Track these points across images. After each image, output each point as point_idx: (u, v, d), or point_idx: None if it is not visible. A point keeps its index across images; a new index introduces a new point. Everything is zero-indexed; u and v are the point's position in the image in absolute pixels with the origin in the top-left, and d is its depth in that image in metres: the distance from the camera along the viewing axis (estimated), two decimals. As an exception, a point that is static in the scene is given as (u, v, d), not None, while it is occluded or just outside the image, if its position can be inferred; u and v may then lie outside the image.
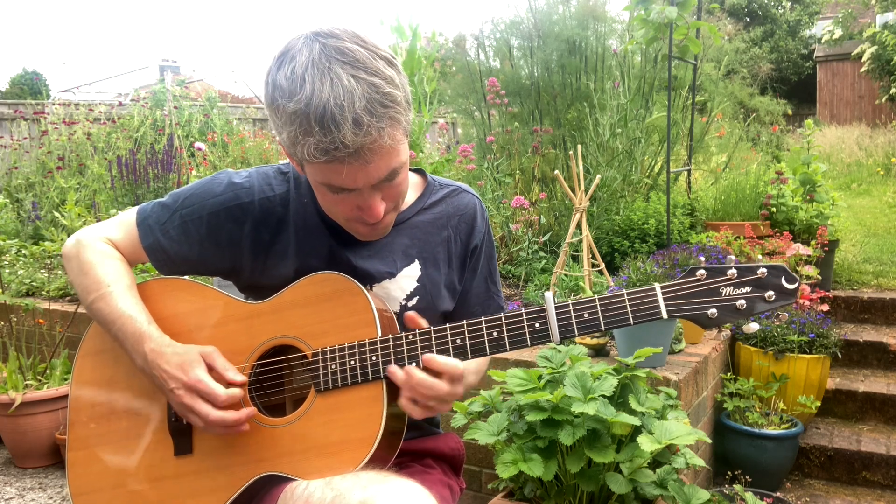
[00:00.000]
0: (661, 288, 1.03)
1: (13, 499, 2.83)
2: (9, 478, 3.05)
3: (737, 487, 2.42)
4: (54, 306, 3.67)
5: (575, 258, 3.57)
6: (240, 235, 1.23)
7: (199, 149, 6.15)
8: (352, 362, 1.11)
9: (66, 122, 6.67)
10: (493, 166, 4.30)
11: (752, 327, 1.04)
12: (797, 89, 16.07)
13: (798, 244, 3.47)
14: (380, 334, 1.12)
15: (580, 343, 2.50)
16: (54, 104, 7.75)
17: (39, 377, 3.21)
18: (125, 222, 1.28)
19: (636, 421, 1.72)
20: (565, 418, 1.77)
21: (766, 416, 2.86)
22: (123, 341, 1.19)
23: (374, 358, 1.11)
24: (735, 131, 6.54)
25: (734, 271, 1.01)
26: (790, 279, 1.00)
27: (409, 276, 1.27)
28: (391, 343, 1.11)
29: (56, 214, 5.16)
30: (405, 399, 1.08)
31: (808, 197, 4.36)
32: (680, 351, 2.64)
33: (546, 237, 3.88)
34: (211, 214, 1.23)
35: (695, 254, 2.80)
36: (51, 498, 2.84)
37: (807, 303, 3.11)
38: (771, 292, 1.00)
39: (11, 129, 7.16)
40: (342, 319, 1.15)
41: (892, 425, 3.20)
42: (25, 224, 5.54)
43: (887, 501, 2.81)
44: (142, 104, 7.51)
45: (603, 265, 3.16)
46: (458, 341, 1.09)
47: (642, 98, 4.55)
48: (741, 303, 1.00)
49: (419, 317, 1.13)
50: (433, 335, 1.11)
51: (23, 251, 4.30)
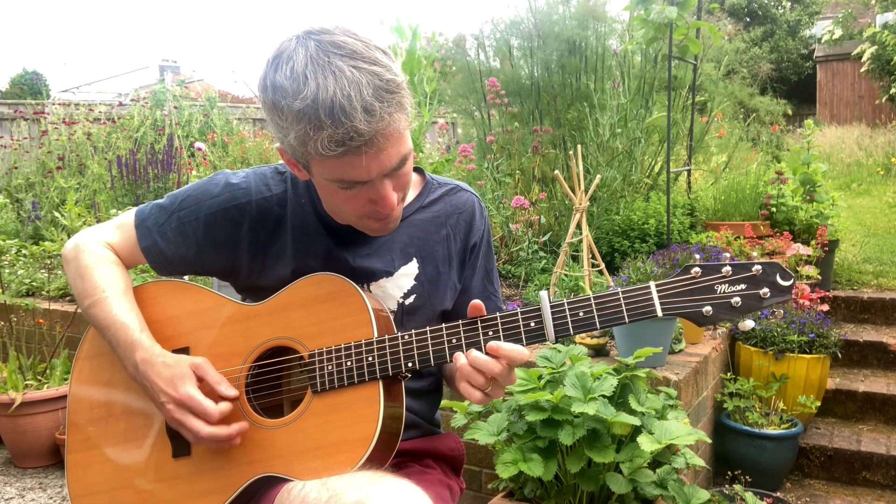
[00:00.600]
0: (656, 286, 1.03)
1: (13, 499, 2.83)
2: (9, 478, 3.05)
3: (737, 487, 2.42)
4: (54, 306, 3.67)
5: (575, 258, 3.57)
6: (237, 236, 1.23)
7: (199, 149, 6.15)
8: (348, 363, 1.11)
9: (66, 122, 6.68)
10: (493, 166, 4.30)
11: (748, 325, 1.04)
12: (797, 89, 16.06)
13: (798, 244, 3.47)
14: (376, 335, 1.12)
15: (580, 343, 2.50)
16: (54, 104, 7.75)
17: (39, 377, 3.21)
18: (123, 224, 1.28)
19: (636, 421, 1.72)
20: (565, 418, 1.77)
21: (766, 416, 2.86)
22: (116, 348, 1.20)
23: (371, 359, 1.11)
24: (735, 131, 6.53)
25: (729, 269, 1.01)
26: (785, 276, 0.99)
27: (407, 275, 1.27)
28: (387, 343, 1.11)
29: (56, 214, 5.16)
30: (465, 383, 1.07)
31: (808, 197, 4.36)
32: (680, 351, 2.64)
33: (546, 237, 3.88)
34: (208, 216, 1.23)
35: (695, 254, 2.80)
36: (51, 498, 2.84)
37: (807, 303, 3.10)
38: (766, 289, 0.99)
39: (11, 129, 7.17)
40: (339, 320, 1.15)
41: (892, 425, 3.19)
42: (25, 224, 5.55)
43: (887, 501, 2.80)
44: (142, 104, 7.51)
45: (603, 265, 3.16)
46: (454, 341, 1.09)
47: (642, 98, 4.54)
48: (736, 300, 1.00)
49: (482, 306, 1.10)
50: (429, 335, 1.11)
51: (23, 251, 4.31)
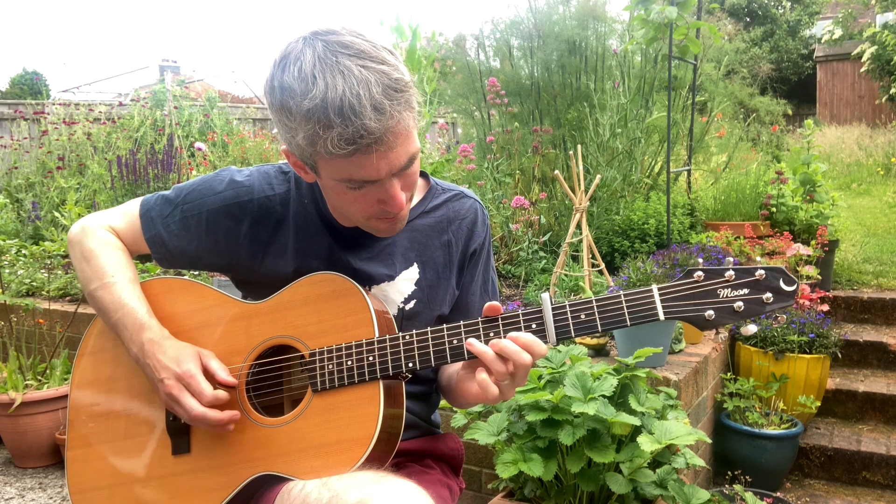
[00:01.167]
0: (659, 289, 1.03)
1: (13, 499, 2.83)
2: (9, 478, 3.05)
3: (737, 487, 2.42)
4: (54, 306, 3.67)
5: (575, 258, 3.57)
6: (237, 233, 1.24)
7: (199, 149, 6.15)
8: (349, 362, 1.12)
9: (66, 122, 6.68)
10: (493, 166, 4.30)
11: (751, 329, 1.04)
12: (797, 89, 16.06)
13: (798, 244, 3.46)
14: (377, 335, 1.12)
15: (580, 343, 2.50)
16: (54, 104, 7.75)
17: (39, 377, 3.21)
18: (129, 213, 1.31)
19: (636, 421, 1.72)
20: (565, 418, 1.77)
21: (766, 416, 2.86)
22: (122, 331, 1.21)
23: (372, 358, 1.11)
24: (735, 131, 6.53)
25: (732, 273, 1.01)
26: (788, 281, 0.99)
27: (408, 280, 1.27)
28: (388, 343, 1.11)
29: (56, 214, 5.16)
30: (484, 375, 1.05)
31: (808, 197, 4.36)
32: (680, 351, 2.64)
33: (546, 237, 3.88)
34: (210, 211, 1.24)
35: (695, 254, 2.80)
36: (51, 498, 2.84)
37: (807, 303, 3.10)
38: (769, 294, 0.99)
39: (11, 129, 7.17)
40: (340, 320, 1.15)
41: (892, 425, 3.20)
42: (25, 224, 5.55)
43: (887, 501, 2.81)
44: (142, 104, 7.51)
45: (603, 265, 3.16)
46: (455, 342, 1.09)
47: (642, 98, 4.54)
48: (739, 305, 1.00)
49: (499, 307, 1.10)
50: (430, 336, 1.11)
51: (23, 251, 4.31)
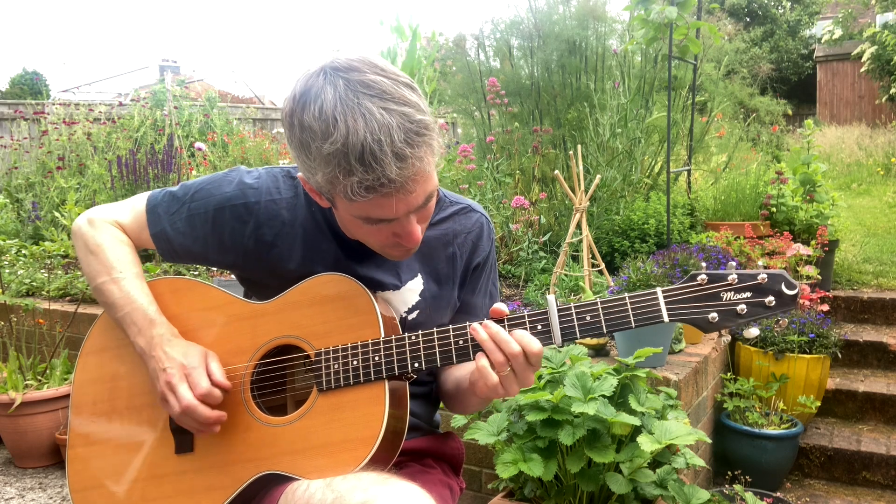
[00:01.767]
0: (663, 292, 1.05)
1: (13, 499, 2.83)
2: (9, 478, 3.05)
3: (737, 487, 2.43)
4: (54, 306, 3.67)
5: (575, 258, 3.58)
6: (242, 234, 1.24)
7: (199, 149, 6.16)
8: (354, 362, 1.12)
9: (66, 122, 6.67)
10: (493, 166, 4.30)
11: (753, 332, 1.05)
12: (797, 89, 16.07)
13: (798, 244, 3.46)
14: (383, 335, 1.13)
15: (580, 343, 2.50)
16: (54, 104, 7.75)
17: (39, 377, 3.21)
18: (135, 208, 1.30)
19: (636, 421, 1.73)
20: (565, 418, 1.77)
21: (766, 416, 2.86)
22: (129, 325, 1.21)
23: (377, 358, 1.11)
24: (735, 131, 6.52)
25: (735, 277, 1.03)
26: (790, 286, 1.01)
27: (412, 290, 1.28)
28: (394, 344, 1.12)
29: (56, 214, 5.16)
30: (484, 360, 1.05)
31: (808, 197, 4.36)
32: (680, 351, 2.65)
33: (546, 237, 3.88)
34: (217, 210, 1.24)
35: (695, 254, 2.80)
36: (51, 498, 2.84)
37: (807, 303, 3.11)
38: (771, 298, 1.01)
39: (11, 129, 7.17)
40: (346, 320, 1.15)
41: (892, 425, 3.20)
42: (25, 224, 5.55)
43: (887, 501, 2.81)
44: (142, 104, 7.51)
45: (603, 265, 3.16)
46: (461, 342, 1.10)
47: (642, 98, 4.55)
48: (742, 308, 1.02)
49: (504, 307, 1.10)
50: (436, 336, 1.11)
51: (23, 251, 4.31)
